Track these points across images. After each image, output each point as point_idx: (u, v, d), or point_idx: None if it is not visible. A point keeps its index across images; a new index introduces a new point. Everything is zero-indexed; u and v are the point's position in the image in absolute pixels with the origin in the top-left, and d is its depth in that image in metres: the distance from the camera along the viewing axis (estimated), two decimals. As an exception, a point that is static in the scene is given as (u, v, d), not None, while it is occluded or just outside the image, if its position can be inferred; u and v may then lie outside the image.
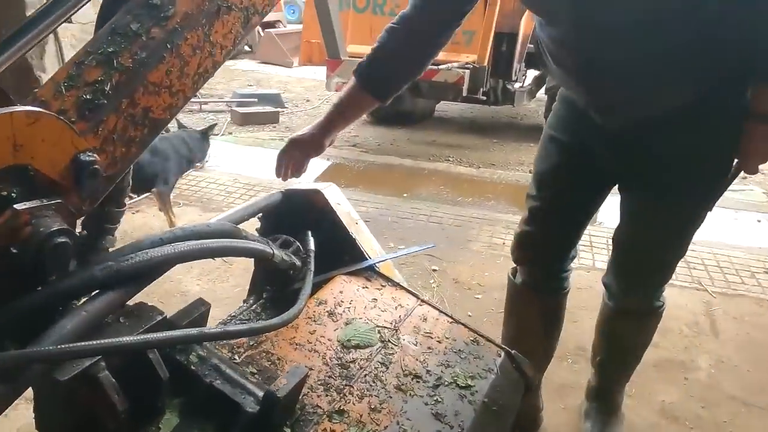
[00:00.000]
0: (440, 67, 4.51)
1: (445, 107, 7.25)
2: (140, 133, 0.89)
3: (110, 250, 0.94)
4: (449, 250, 3.08)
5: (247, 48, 12.38)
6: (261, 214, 1.36)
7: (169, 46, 0.88)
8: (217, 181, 4.21)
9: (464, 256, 3.03)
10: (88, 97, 0.82)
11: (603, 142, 1.41)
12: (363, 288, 1.28)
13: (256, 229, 1.41)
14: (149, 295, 1.07)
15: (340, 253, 1.35)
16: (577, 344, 2.26)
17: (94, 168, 0.78)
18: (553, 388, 2.02)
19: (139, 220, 3.36)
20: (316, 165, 4.76)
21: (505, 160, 5.26)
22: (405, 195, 4.10)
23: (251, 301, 1.43)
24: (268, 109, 6.43)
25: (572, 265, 1.71)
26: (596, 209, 1.62)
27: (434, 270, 2.84)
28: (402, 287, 1.33)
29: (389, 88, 1.39)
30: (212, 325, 1.19)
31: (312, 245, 1.27)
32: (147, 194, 3.47)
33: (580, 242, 1.69)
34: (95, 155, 0.80)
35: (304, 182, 1.53)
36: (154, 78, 0.87)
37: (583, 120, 1.40)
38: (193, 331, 0.76)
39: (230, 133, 5.85)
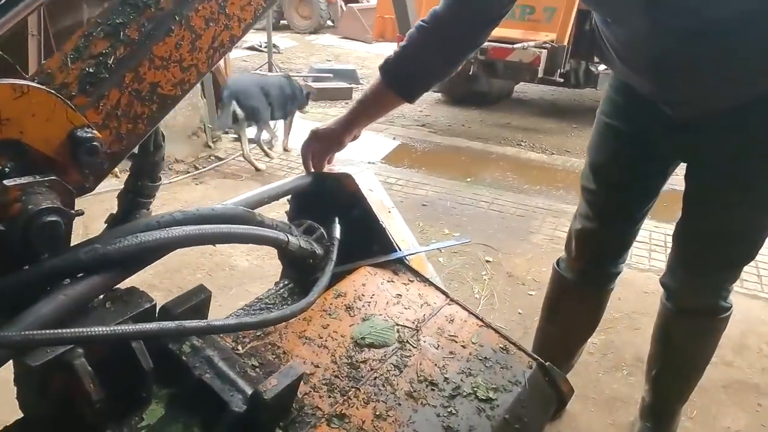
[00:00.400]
0: (515, 46, 4.28)
1: (525, 88, 6.97)
2: (148, 110, 0.86)
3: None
4: (507, 241, 2.94)
5: (329, 22, 12.48)
6: (290, 196, 1.33)
7: (177, 18, 0.83)
8: (281, 156, 4.26)
9: (522, 248, 2.88)
10: (90, 70, 0.79)
11: (670, 130, 1.30)
12: (388, 282, 1.21)
13: (285, 212, 1.38)
14: (198, 268, 1.07)
15: (368, 242, 1.29)
16: (636, 354, 2.08)
17: (92, 144, 0.76)
18: (603, 400, 1.88)
19: (200, 192, 3.45)
20: (383, 145, 4.71)
21: (582, 148, 4.95)
22: (468, 179, 3.96)
23: (281, 285, 1.42)
24: (342, 85, 6.42)
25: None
26: (653, 202, 1.51)
27: (488, 261, 2.72)
28: (431, 283, 1.25)
29: (415, 88, 1.31)
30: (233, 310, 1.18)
31: (337, 233, 1.21)
32: (212, 166, 3.57)
33: (653, 241, 1.55)
34: (94, 131, 0.77)
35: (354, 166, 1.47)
36: (161, 51, 0.83)
37: (645, 107, 1.30)
38: (171, 324, 0.72)
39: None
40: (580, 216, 1.55)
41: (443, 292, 1.24)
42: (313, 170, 1.34)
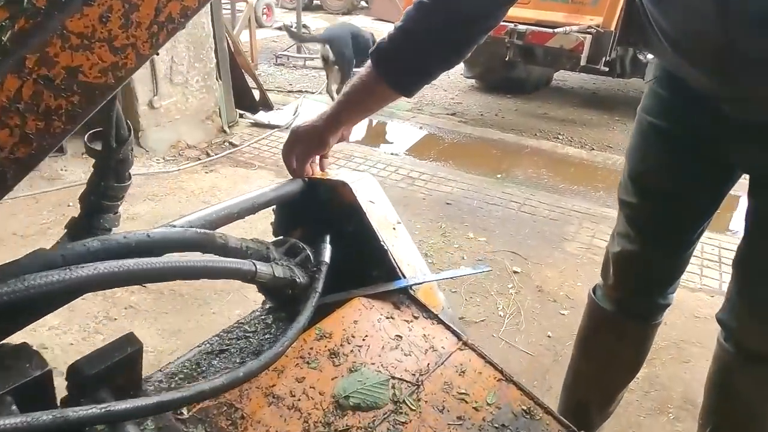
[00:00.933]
0: (556, 30, 3.98)
1: (565, 76, 6.65)
2: (66, 103, 0.66)
3: (113, 231, 0.79)
4: (538, 249, 2.69)
5: (363, 3, 12.26)
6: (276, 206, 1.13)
7: (99, -19, 0.63)
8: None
9: (555, 257, 2.63)
10: (-25, 51, 0.59)
11: (729, 133, 1.11)
12: (387, 318, 1.01)
13: (271, 223, 1.19)
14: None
15: (366, 266, 1.08)
16: (685, 394, 1.83)
17: (-27, 149, 0.57)
18: (645, 448, 1.65)
19: (209, 181, 3.29)
20: (409, 134, 4.48)
21: (625, 143, 4.63)
22: (499, 176, 3.71)
23: (266, 308, 1.23)
24: (371, 68, 6.21)
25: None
26: (710, 219, 1.29)
27: (516, 272, 2.48)
28: (440, 321, 1.04)
29: (413, 80, 1.08)
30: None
31: (327, 255, 1.02)
32: (225, 153, 3.41)
33: (704, 255, 1.31)
34: (-25, 132, 0.58)
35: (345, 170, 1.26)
36: (77, 26, 0.63)
37: (698, 105, 1.09)
38: (69, 412, 0.52)
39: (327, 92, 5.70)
40: (619, 236, 1.32)
41: (455, 333, 1.03)
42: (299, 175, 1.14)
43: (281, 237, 1.05)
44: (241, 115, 4.39)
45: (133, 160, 0.91)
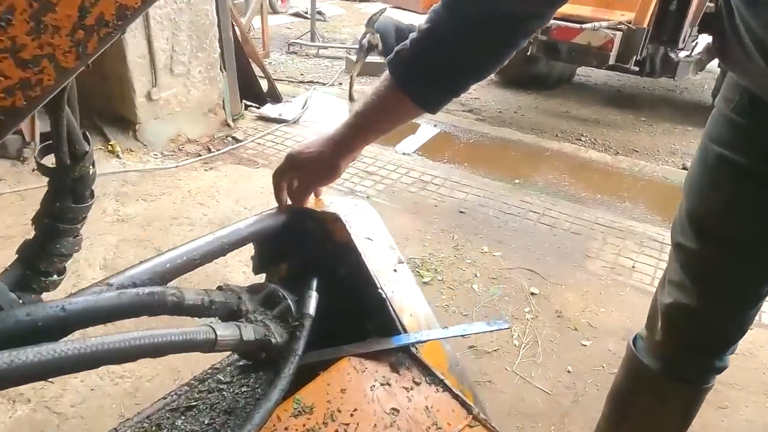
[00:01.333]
0: (584, 26, 3.77)
1: (588, 72, 6.43)
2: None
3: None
4: (558, 267, 2.52)
5: (379, -11, 12.03)
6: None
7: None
8: (307, 139, 3.91)
9: (576, 277, 2.46)
10: None
11: None
12: (382, 386, 0.85)
13: (252, 257, 1.03)
14: (183, 280, 0.77)
15: (359, 317, 0.93)
16: (721, 446, 1.66)
17: None
18: None
19: (208, 179, 3.15)
20: (421, 132, 4.31)
21: (652, 147, 4.44)
22: (517, 181, 3.53)
23: (246, 351, 1.08)
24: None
25: None
26: None
27: (533, 294, 2.31)
28: (446, 388, 0.88)
29: (439, 95, 0.91)
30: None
31: (311, 307, 0.87)
32: (228, 148, 3.26)
33: None
34: None
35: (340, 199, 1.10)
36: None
37: None
38: None
39: (339, 84, 5.54)
40: (672, 285, 1.14)
41: (464, 405, 0.87)
42: (291, 204, 0.98)
43: (257, 284, 0.89)
44: (246, 107, 4.24)
45: (95, 176, 0.77)
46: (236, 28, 4.19)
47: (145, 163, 3.25)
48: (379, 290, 0.92)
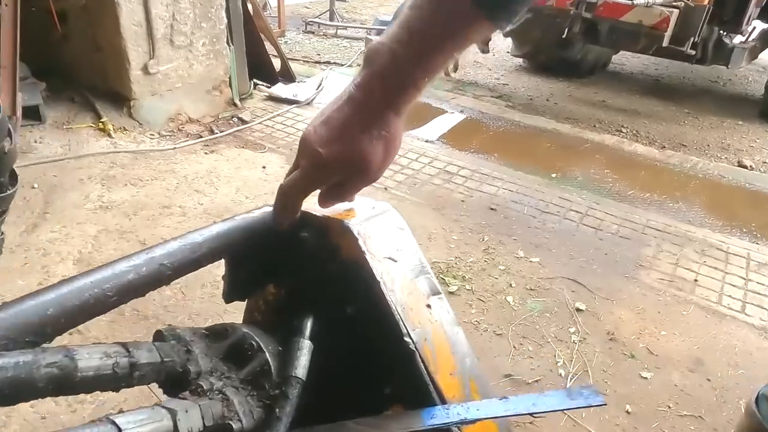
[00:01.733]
0: (636, 1, 3.38)
1: (623, 59, 6.05)
2: None
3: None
4: (607, 278, 2.18)
5: (401, -32, 11.66)
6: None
7: None
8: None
9: (630, 291, 2.12)
10: None
11: None
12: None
13: (222, 277, 0.72)
14: (172, 283, 0.49)
15: (376, 376, 0.62)
16: None
17: None
18: None
19: (207, 163, 2.85)
20: (445, 118, 3.98)
21: (701, 141, 4.05)
22: (554, 175, 3.19)
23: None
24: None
25: None
26: None
27: (579, 310, 1.98)
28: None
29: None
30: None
31: (301, 366, 0.56)
32: (232, 130, 2.97)
33: None
34: None
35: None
36: None
37: None
38: None
39: (358, 65, 5.20)
40: None
41: None
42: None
43: (217, 325, 0.59)
44: (255, 86, 3.93)
45: (11, 162, 0.54)
46: (247, 0, 3.88)
47: (139, 144, 2.96)
48: (405, 338, 0.60)
